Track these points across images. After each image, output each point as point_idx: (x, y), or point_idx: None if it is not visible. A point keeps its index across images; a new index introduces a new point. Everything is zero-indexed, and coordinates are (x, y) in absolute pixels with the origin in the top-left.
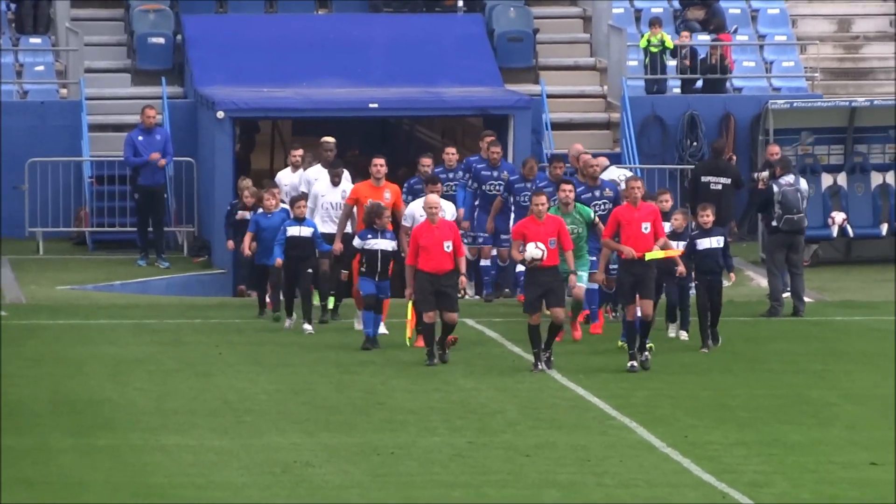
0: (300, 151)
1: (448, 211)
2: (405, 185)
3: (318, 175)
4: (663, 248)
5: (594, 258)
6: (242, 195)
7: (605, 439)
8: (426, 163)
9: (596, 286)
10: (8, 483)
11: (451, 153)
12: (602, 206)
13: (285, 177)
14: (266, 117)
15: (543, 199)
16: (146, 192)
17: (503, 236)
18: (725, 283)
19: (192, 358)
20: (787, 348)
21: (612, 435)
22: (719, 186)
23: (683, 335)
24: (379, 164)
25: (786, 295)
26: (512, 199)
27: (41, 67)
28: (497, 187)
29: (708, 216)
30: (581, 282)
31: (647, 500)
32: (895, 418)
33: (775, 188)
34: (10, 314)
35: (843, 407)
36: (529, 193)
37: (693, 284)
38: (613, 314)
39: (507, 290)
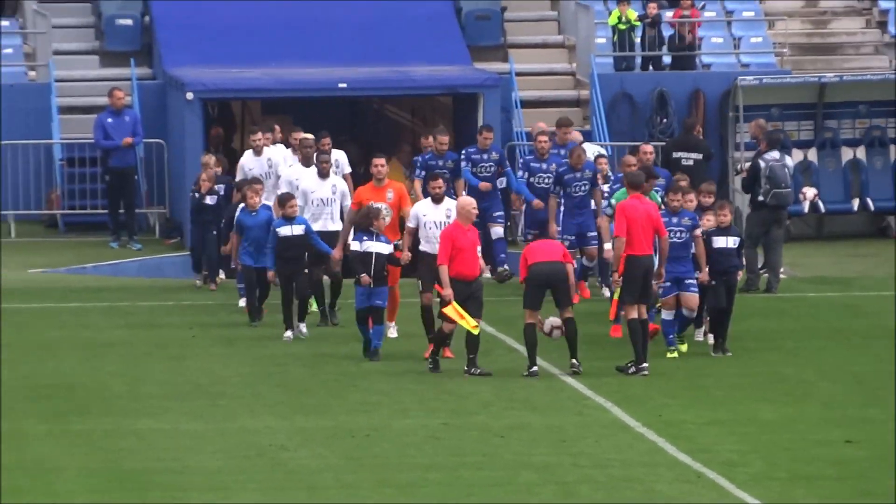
0: (259, 136)
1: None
2: (419, 159)
3: (299, 174)
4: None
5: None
6: (200, 178)
7: (580, 419)
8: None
9: None
10: None
11: (443, 141)
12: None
13: (249, 161)
14: (235, 98)
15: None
16: (117, 174)
17: (589, 234)
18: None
19: (166, 341)
20: (760, 325)
21: (586, 415)
22: (691, 162)
23: (711, 338)
24: (379, 165)
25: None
26: (562, 192)
27: (10, 50)
28: (546, 179)
29: (726, 215)
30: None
31: (622, 480)
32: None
33: (762, 164)
34: None
35: (817, 384)
36: (580, 184)
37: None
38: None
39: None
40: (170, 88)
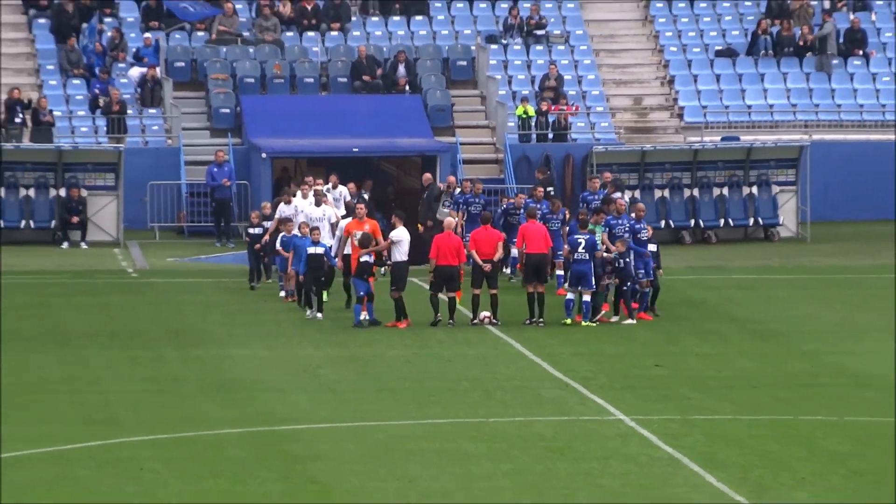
0: (305, 187)
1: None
2: (460, 198)
3: (303, 207)
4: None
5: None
6: (253, 217)
7: (496, 351)
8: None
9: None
10: (140, 380)
11: (479, 187)
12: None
13: (300, 205)
14: (291, 157)
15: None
16: (219, 203)
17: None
18: None
19: (250, 303)
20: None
21: (500, 349)
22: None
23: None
24: (360, 208)
25: None
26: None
27: (156, 127)
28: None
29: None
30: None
31: (521, 388)
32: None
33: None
34: (138, 275)
35: (639, 331)
36: (555, 219)
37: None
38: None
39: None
40: (251, 151)
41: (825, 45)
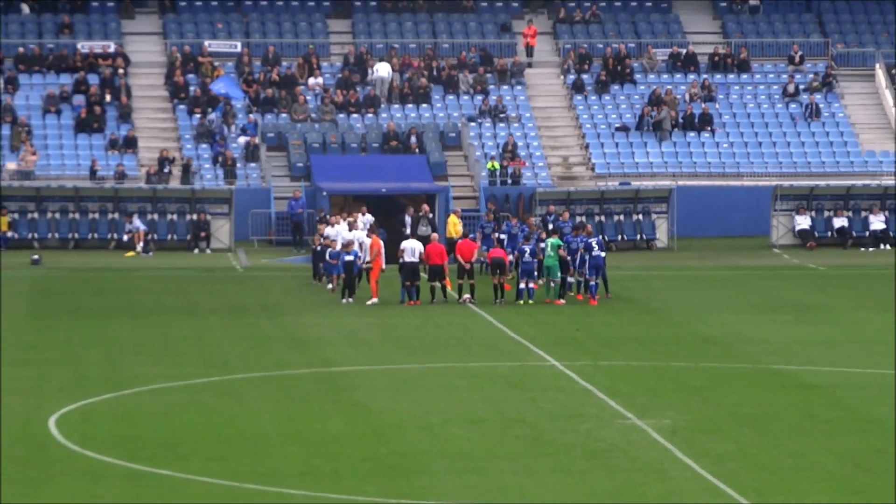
0: (338, 217)
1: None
2: (481, 223)
3: (341, 231)
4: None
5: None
6: (315, 239)
7: (474, 321)
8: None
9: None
10: (243, 338)
11: (491, 216)
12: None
13: (340, 229)
14: (343, 194)
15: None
16: (295, 224)
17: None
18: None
19: (314, 289)
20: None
21: (476, 319)
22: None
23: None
24: (369, 233)
25: None
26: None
27: (255, 175)
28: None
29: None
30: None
31: (493, 349)
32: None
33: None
34: (243, 271)
35: (566, 307)
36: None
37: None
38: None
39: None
40: (317, 191)
41: (661, 124)
